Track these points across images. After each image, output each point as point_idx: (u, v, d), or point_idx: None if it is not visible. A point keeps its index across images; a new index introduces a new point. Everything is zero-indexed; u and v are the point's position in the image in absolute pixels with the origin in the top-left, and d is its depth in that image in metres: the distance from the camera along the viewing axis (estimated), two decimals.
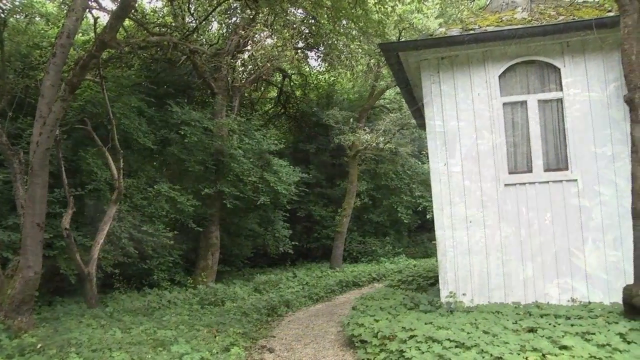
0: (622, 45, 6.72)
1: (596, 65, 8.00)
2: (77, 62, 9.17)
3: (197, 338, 7.39)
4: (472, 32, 8.46)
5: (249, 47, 17.17)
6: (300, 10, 15.21)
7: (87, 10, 10.84)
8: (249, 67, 18.45)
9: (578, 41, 8.06)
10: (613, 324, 6.07)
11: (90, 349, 6.52)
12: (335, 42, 16.04)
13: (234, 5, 17.11)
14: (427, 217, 22.00)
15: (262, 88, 22.48)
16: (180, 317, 9.41)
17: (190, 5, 16.85)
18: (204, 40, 18.44)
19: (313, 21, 15.35)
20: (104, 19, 15.46)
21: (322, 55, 19.30)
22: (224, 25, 18.51)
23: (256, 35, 16.24)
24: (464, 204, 8.25)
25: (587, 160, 7.86)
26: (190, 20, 17.27)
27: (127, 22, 15.11)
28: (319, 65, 23.35)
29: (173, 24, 16.66)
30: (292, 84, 22.03)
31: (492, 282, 8.04)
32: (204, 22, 17.45)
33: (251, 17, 15.62)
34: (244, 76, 18.50)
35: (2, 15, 11.83)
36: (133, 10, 13.16)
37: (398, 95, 20.78)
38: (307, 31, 16.89)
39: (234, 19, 17.60)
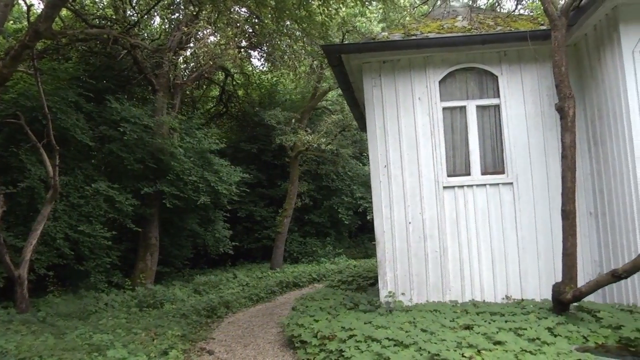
0: (553, 57, 7.10)
1: (531, 75, 8.42)
2: (8, 52, 8.77)
3: (135, 342, 7.18)
4: (414, 37, 8.67)
5: (191, 44, 16.90)
6: (244, 9, 15.08)
7: None
8: (191, 64, 18.15)
9: (514, 51, 8.45)
10: (543, 319, 6.39)
11: (18, 357, 6.15)
12: (279, 42, 16.00)
13: (177, 0, 16.79)
14: (368, 218, 22.34)
15: (204, 86, 22.18)
16: (117, 320, 9.11)
17: None
18: (145, 35, 18.01)
19: (257, 20, 15.24)
20: (39, 7, 14.85)
21: (265, 55, 19.20)
22: (166, 20, 18.10)
23: (199, 33, 15.99)
24: (403, 206, 8.43)
25: (522, 164, 8.25)
26: (131, 14, 16.81)
27: (64, 12, 14.56)
28: (261, 65, 23.29)
29: (113, 17, 16.18)
30: (234, 83, 21.82)
31: (431, 282, 8.27)
32: (145, 17, 17.03)
33: (194, 13, 15.36)
34: (185, 73, 18.19)
35: None
36: (71, 0, 12.70)
37: (340, 97, 20.93)
38: (250, 30, 16.77)
39: (177, 14, 17.25)
